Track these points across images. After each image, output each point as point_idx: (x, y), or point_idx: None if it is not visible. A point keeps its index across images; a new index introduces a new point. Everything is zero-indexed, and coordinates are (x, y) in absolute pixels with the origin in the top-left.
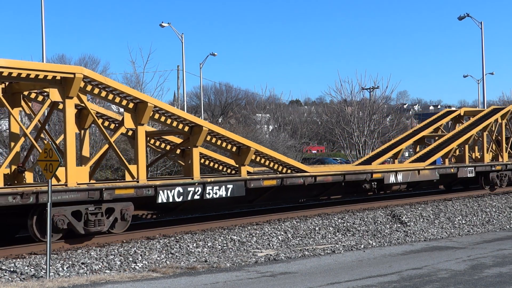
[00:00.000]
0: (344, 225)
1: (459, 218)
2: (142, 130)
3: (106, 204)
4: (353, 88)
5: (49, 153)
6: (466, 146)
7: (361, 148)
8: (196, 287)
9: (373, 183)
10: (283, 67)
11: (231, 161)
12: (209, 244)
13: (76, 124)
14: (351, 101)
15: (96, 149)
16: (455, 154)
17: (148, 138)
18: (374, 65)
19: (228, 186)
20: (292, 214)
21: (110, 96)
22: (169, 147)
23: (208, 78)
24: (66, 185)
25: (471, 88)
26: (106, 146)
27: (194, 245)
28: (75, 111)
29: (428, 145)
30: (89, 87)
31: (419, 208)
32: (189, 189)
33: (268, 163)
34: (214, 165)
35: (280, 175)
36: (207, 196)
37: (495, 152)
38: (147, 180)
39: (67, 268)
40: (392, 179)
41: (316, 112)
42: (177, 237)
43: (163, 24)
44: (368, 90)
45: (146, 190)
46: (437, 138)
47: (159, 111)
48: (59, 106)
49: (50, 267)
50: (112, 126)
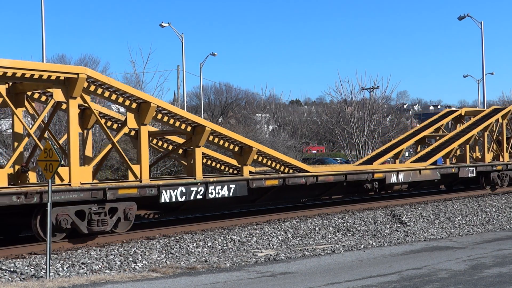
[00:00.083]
0: (344, 225)
1: (459, 218)
2: (145, 130)
3: (110, 204)
4: (353, 88)
5: (49, 153)
6: (467, 146)
7: (361, 148)
8: (196, 287)
9: (375, 183)
10: (283, 67)
11: (233, 161)
12: (209, 244)
13: (79, 124)
14: (351, 101)
15: (96, 149)
16: (456, 154)
17: (151, 138)
18: (374, 65)
19: (231, 186)
20: (292, 214)
21: (113, 96)
22: (172, 147)
23: (208, 78)
24: (70, 185)
25: (471, 88)
26: (109, 146)
27: (194, 245)
28: (78, 111)
29: (429, 145)
30: (93, 87)
31: (419, 208)
32: (192, 189)
33: (270, 163)
34: (216, 165)
35: (282, 175)
36: (210, 196)
37: (496, 152)
38: (150, 180)
39: (67, 268)
40: (394, 179)
41: (316, 112)
42: (177, 237)
43: (163, 24)
44: (368, 90)
45: (149, 190)
46: (438, 138)
47: (162, 111)
48: (62, 106)
49: (50, 267)
50: (115, 126)
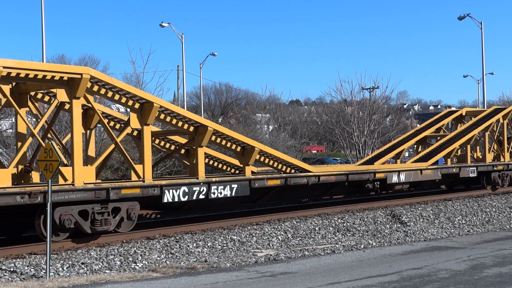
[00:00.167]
0: (344, 225)
1: (459, 218)
2: (148, 130)
3: (113, 204)
4: (353, 88)
5: (49, 153)
6: (468, 146)
7: (361, 148)
8: (196, 287)
9: (376, 183)
10: (283, 67)
11: (234, 161)
12: (209, 244)
13: (82, 124)
14: (351, 101)
15: (96, 149)
16: (457, 154)
17: (153, 138)
18: (374, 65)
19: (233, 186)
20: (292, 214)
21: (117, 97)
22: (174, 147)
23: (208, 78)
24: (73, 185)
25: (471, 88)
26: (113, 146)
27: (194, 245)
28: (82, 111)
29: (430, 145)
30: (96, 88)
31: (419, 208)
32: (195, 189)
33: (272, 163)
34: (218, 165)
35: (284, 175)
36: (212, 196)
37: (497, 152)
38: (153, 180)
39: (67, 268)
40: (395, 179)
41: (316, 112)
42: (177, 237)
43: (163, 24)
44: (368, 90)
45: (152, 190)
46: (439, 138)
47: (165, 111)
48: (65, 107)
49: (50, 267)
50: (117, 126)
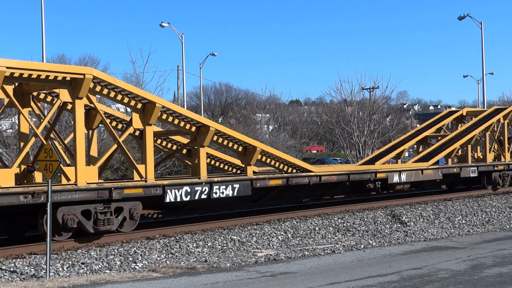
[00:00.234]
0: (344, 225)
1: (459, 218)
2: (150, 130)
3: (115, 203)
4: (353, 88)
5: (49, 153)
6: (469, 146)
7: (361, 148)
8: (196, 287)
9: (377, 183)
10: (283, 67)
11: (236, 160)
12: (209, 244)
13: (84, 125)
14: (351, 101)
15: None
16: (458, 154)
17: (155, 138)
18: (374, 65)
19: (235, 186)
20: (292, 214)
21: (119, 97)
22: (176, 147)
23: (208, 78)
24: (76, 185)
25: (471, 88)
26: (115, 146)
27: (194, 245)
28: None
29: (431, 145)
30: (98, 88)
31: (419, 208)
32: (197, 189)
33: (274, 163)
34: (219, 165)
35: (286, 175)
36: (214, 196)
37: (498, 152)
38: (155, 180)
39: (67, 268)
40: (396, 179)
41: (316, 112)
42: (177, 237)
43: (163, 24)
44: (368, 90)
45: (154, 190)
46: (440, 138)
47: (167, 112)
48: (68, 107)
49: (50, 267)
50: (120, 126)
